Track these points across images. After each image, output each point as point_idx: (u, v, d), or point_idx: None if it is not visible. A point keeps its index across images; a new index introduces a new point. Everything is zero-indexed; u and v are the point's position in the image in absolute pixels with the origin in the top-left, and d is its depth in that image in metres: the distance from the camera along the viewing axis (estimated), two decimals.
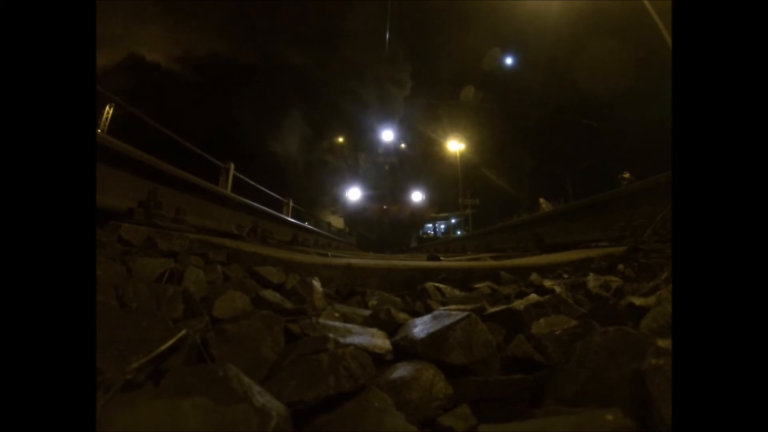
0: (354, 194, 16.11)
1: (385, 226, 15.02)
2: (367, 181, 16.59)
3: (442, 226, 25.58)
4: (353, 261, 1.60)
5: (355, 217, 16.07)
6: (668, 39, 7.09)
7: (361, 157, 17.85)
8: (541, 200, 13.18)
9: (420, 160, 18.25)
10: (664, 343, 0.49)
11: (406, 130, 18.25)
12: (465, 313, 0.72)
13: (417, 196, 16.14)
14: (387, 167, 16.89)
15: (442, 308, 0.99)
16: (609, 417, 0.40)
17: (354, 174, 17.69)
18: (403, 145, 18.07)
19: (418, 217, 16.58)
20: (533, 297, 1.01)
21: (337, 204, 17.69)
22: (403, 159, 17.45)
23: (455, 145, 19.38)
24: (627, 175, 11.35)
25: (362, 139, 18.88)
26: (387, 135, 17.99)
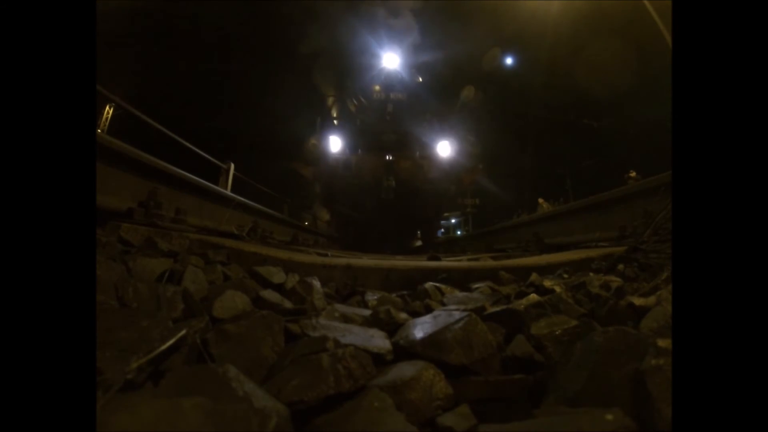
0: (334, 145, 8.45)
1: (388, 196, 7.86)
2: (358, 127, 9.17)
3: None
4: (353, 261, 1.60)
5: (334, 185, 8.59)
6: (668, 39, 7.09)
7: (351, 95, 9.86)
8: (540, 200, 13.20)
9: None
10: (664, 343, 0.49)
11: (421, 56, 9.74)
12: (465, 313, 0.72)
13: (444, 148, 8.45)
14: (390, 107, 9.10)
15: (442, 308, 1.00)
16: (609, 417, 0.40)
17: (339, 121, 9.86)
18: (420, 79, 9.88)
19: (451, 181, 8.84)
20: (533, 297, 1.01)
21: (306, 164, 9.36)
22: (417, 97, 9.46)
23: None
24: (633, 174, 11.32)
25: (351, 70, 9.99)
26: (390, 60, 9.63)
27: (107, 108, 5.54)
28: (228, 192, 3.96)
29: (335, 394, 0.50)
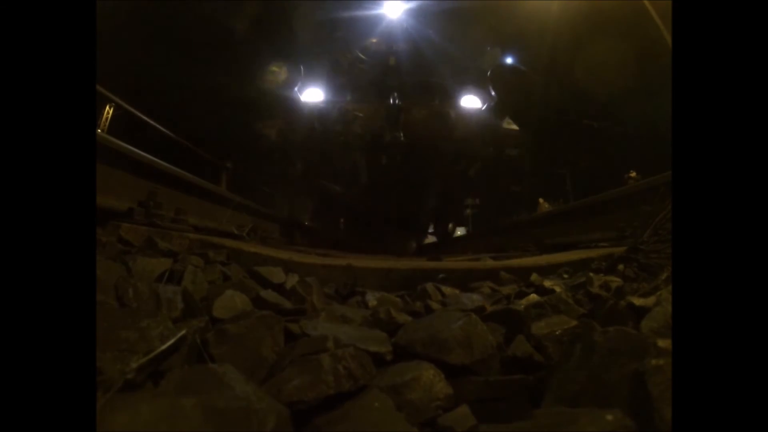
0: (311, 94, 5.80)
1: (394, 157, 5.58)
2: (351, 82, 6.37)
3: None
4: (353, 261, 1.60)
5: (310, 147, 5.81)
6: (668, 39, 7.08)
7: (343, 49, 6.56)
8: (541, 200, 13.16)
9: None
10: (664, 343, 0.49)
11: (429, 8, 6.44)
12: (465, 313, 0.72)
13: (472, 102, 6.02)
14: (393, 59, 6.42)
15: (442, 308, 0.99)
16: (609, 417, 0.40)
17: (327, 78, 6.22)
18: (431, 31, 6.73)
19: (486, 144, 6.07)
20: (533, 297, 1.01)
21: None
22: (427, 50, 6.54)
23: None
24: (633, 174, 11.24)
25: (343, 19, 6.36)
26: (392, 8, 6.56)
27: (107, 108, 5.49)
28: (228, 192, 3.96)
29: (335, 394, 0.50)
